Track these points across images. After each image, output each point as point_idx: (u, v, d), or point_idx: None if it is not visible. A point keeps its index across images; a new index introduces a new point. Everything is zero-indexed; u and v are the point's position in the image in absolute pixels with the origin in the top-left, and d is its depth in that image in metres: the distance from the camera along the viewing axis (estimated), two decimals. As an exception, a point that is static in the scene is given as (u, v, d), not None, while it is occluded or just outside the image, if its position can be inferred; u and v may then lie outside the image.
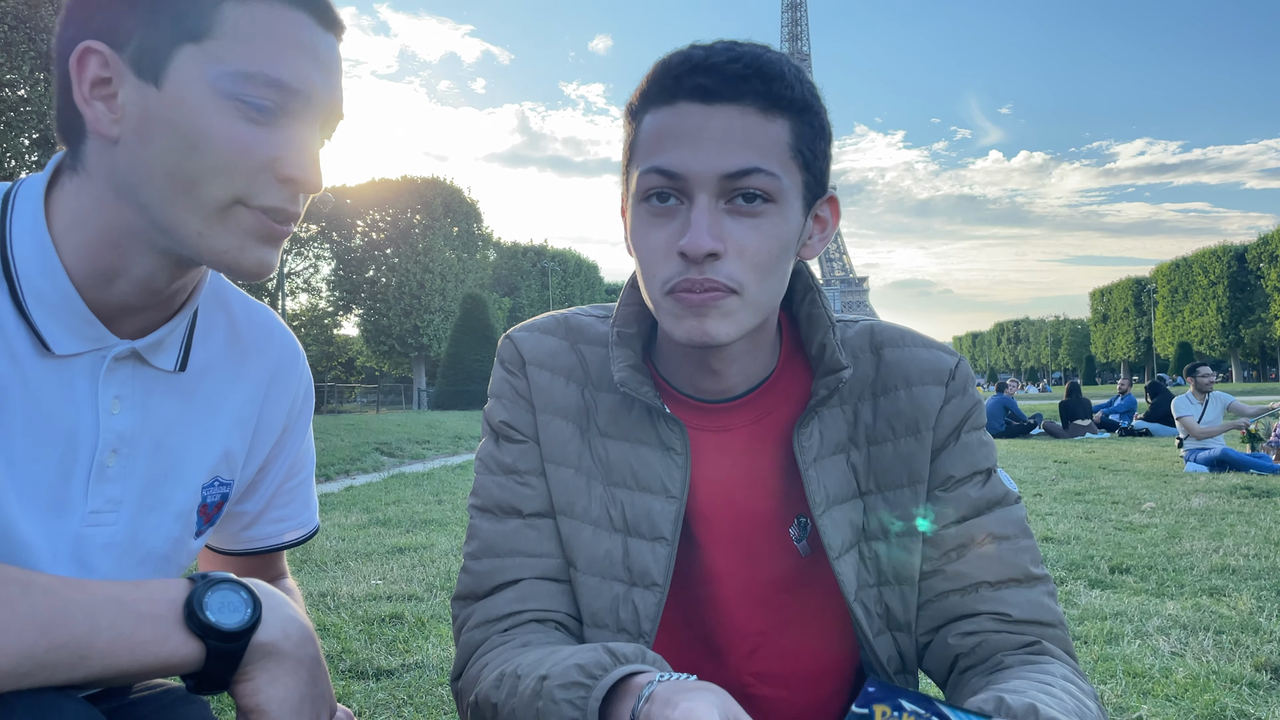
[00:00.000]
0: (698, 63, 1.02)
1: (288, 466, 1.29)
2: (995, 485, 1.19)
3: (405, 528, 6.49)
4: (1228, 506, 6.88)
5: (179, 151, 0.93)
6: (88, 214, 0.98)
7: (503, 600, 1.14)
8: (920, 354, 1.20)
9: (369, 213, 51.30)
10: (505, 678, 1.01)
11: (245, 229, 0.97)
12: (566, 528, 1.17)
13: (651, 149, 1.04)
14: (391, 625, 3.75)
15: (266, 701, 0.93)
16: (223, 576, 0.94)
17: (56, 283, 0.98)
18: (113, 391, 1.03)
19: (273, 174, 0.95)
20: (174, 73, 0.92)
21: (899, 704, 0.65)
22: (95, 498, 1.04)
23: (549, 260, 64.54)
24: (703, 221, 1.00)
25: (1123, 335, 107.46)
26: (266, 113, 0.94)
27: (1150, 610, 3.86)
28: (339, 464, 11.62)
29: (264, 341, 1.22)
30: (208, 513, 1.17)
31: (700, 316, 1.03)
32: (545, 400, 1.20)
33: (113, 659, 0.85)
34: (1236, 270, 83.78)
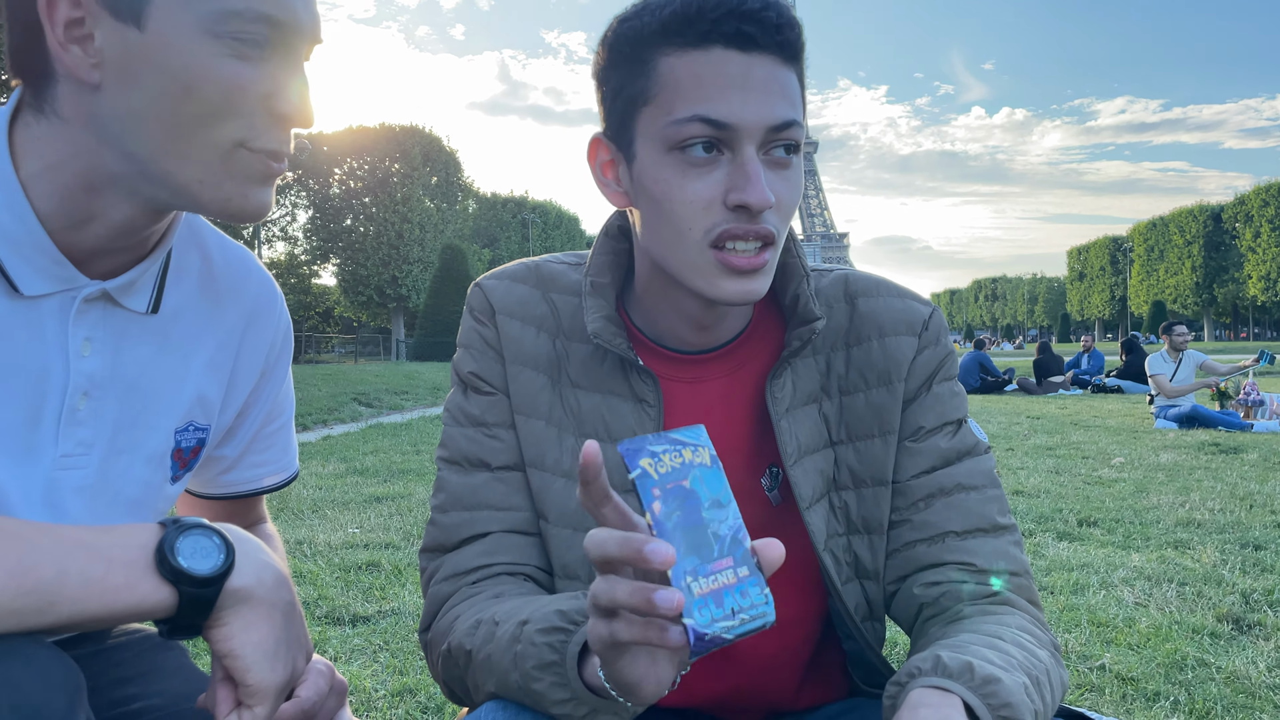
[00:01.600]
0: (734, 8, 0.99)
1: (266, 411, 1.27)
2: (965, 436, 1.20)
3: (383, 477, 6.51)
4: (1195, 462, 7.00)
5: (173, 97, 0.89)
6: (63, 159, 0.95)
7: (471, 553, 1.14)
8: (894, 304, 1.20)
9: (346, 160, 50.60)
10: (481, 625, 1.00)
11: (246, 173, 0.95)
12: (537, 480, 1.17)
13: (689, 96, 1.00)
14: (368, 573, 3.77)
15: (240, 647, 0.92)
16: (195, 521, 0.92)
17: (24, 222, 0.95)
18: (83, 333, 1.02)
19: (267, 111, 0.93)
20: (155, 12, 0.88)
21: (649, 451, 0.75)
22: (66, 441, 1.02)
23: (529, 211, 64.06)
24: (759, 174, 0.99)
25: (1098, 293, 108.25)
26: (256, 47, 0.91)
27: (1116, 562, 3.94)
28: (317, 414, 11.59)
29: (240, 283, 1.20)
30: (183, 458, 1.16)
31: (749, 279, 1.03)
32: (515, 350, 1.19)
33: (82, 605, 0.84)
34: (1212, 230, 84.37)
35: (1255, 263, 78.27)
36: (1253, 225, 78.68)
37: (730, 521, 0.76)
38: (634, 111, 1.05)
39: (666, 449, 0.76)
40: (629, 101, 1.06)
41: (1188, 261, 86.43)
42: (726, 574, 0.74)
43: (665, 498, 0.74)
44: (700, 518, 0.75)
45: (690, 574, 0.72)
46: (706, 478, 0.77)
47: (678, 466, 0.76)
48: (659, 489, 0.74)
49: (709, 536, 0.75)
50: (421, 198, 50.39)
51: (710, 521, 0.75)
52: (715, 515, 0.76)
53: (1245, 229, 79.82)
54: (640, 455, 0.75)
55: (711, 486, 0.76)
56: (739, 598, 0.74)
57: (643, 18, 1.04)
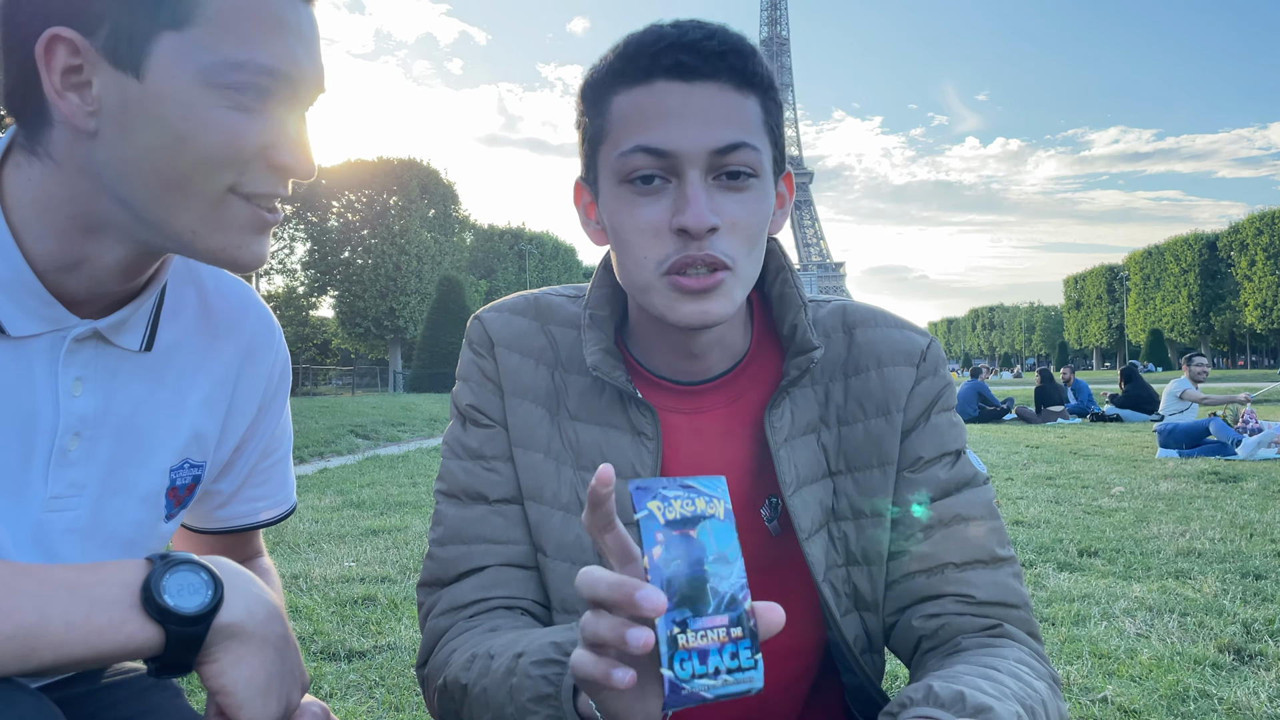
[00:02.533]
0: (673, 40, 1.01)
1: (263, 446, 1.26)
2: (964, 466, 1.19)
3: (379, 510, 6.48)
4: (1195, 491, 6.98)
5: (168, 147, 0.88)
6: (57, 202, 0.94)
7: (468, 587, 1.13)
8: (892, 334, 1.20)
9: (344, 193, 50.79)
10: (477, 659, 1.00)
11: (239, 223, 0.93)
12: (535, 513, 1.16)
13: (632, 128, 1.02)
14: (364, 607, 3.75)
15: (232, 683, 0.90)
16: (183, 557, 0.90)
17: (12, 264, 0.94)
18: (74, 373, 1.00)
19: (265, 162, 0.92)
20: (155, 63, 0.87)
21: (661, 494, 0.73)
22: (56, 482, 1.01)
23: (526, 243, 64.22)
24: (700, 197, 1.00)
25: (1096, 322, 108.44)
26: (255, 99, 0.90)
27: (1117, 592, 3.92)
28: (313, 446, 11.56)
29: (237, 318, 1.18)
30: (178, 495, 1.14)
31: (702, 300, 1.03)
32: (514, 383, 1.19)
33: (66, 648, 0.82)
34: (1208, 258, 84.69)
35: (1251, 291, 78.53)
36: (1248, 254, 79.01)
37: (733, 579, 0.74)
38: (595, 151, 1.08)
39: (679, 495, 0.74)
40: (591, 142, 1.09)
41: (1184, 290, 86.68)
42: (718, 632, 0.73)
43: (668, 544, 0.72)
44: (702, 570, 0.73)
45: (679, 625, 0.71)
46: (716, 531, 0.75)
47: (688, 515, 0.74)
48: (663, 534, 0.73)
49: (707, 591, 0.73)
50: (419, 230, 50.55)
51: (712, 576, 0.73)
52: (718, 570, 0.74)
53: (1240, 257, 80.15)
54: (650, 497, 0.73)
55: (720, 541, 0.74)
56: (726, 658, 0.72)
57: (602, 64, 1.08)
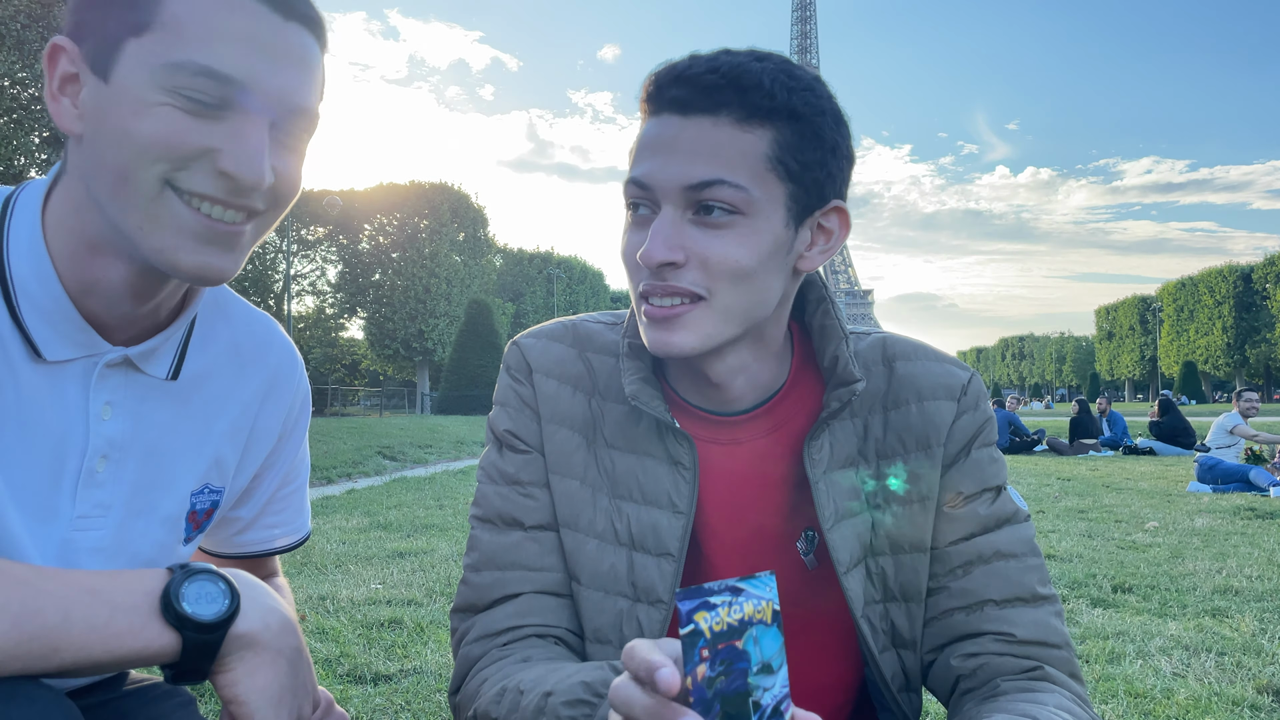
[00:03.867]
0: (678, 74, 1.03)
1: (282, 474, 1.29)
2: (1005, 503, 1.18)
3: (406, 532, 6.48)
4: (1231, 527, 6.85)
5: (116, 141, 0.91)
6: (69, 215, 0.98)
7: (502, 614, 1.13)
8: (933, 368, 1.19)
9: (376, 217, 51.37)
10: (507, 693, 0.99)
11: (180, 225, 0.93)
12: (570, 540, 1.16)
13: (635, 159, 1.06)
14: (390, 630, 3.74)
15: (245, 693, 0.92)
16: (201, 567, 0.92)
17: (49, 289, 0.98)
18: (104, 398, 1.03)
19: (211, 164, 0.92)
20: (120, 67, 0.91)
21: (708, 603, 0.69)
22: (83, 503, 1.04)
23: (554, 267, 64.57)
24: (661, 231, 1.01)
25: (1128, 353, 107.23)
26: (208, 106, 0.91)
27: (1152, 630, 3.84)
28: (341, 467, 11.61)
29: (262, 351, 1.22)
30: (197, 520, 1.17)
31: (665, 329, 1.04)
32: (551, 409, 1.19)
33: (86, 650, 0.84)
34: (1243, 290, 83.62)
35: (1287, 324, 77.41)
36: (1283, 286, 77.96)
37: (775, 690, 0.71)
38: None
39: (726, 602, 0.70)
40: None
41: (1218, 322, 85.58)
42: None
43: (713, 660, 0.68)
44: (745, 684, 0.70)
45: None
46: (763, 638, 0.71)
47: (734, 624, 0.70)
48: (709, 649, 0.68)
49: (748, 706, 0.70)
50: (449, 253, 50.97)
51: (755, 688, 0.70)
52: (761, 682, 0.70)
53: (1276, 290, 79.06)
54: (697, 609, 0.69)
55: (765, 648, 0.71)
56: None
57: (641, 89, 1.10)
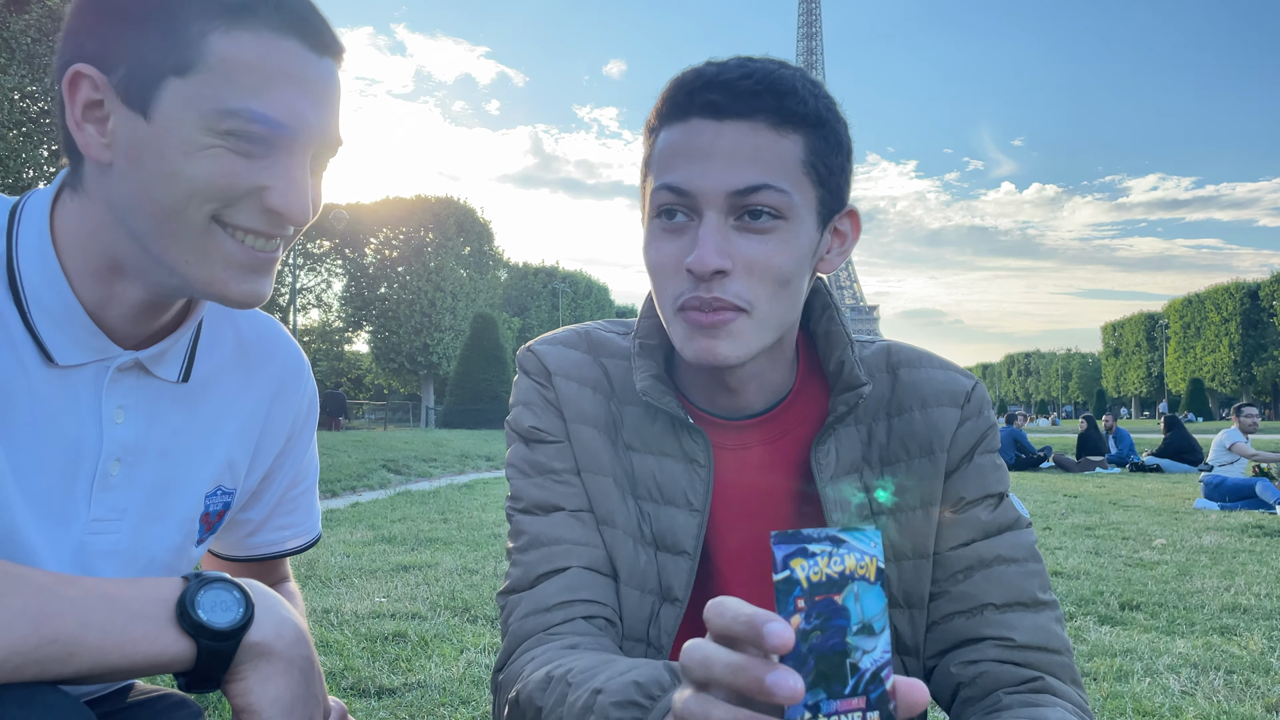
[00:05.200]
0: (710, 79, 1.02)
1: (291, 476, 1.30)
2: (1007, 509, 1.18)
3: (410, 546, 6.48)
4: (1239, 545, 6.82)
5: (165, 180, 0.92)
6: (89, 237, 0.99)
7: (552, 589, 1.12)
8: (936, 375, 1.20)
9: (382, 230, 51.50)
10: (553, 682, 0.97)
11: (228, 258, 0.96)
12: (609, 536, 1.16)
13: (664, 165, 1.04)
14: (395, 643, 3.73)
15: (258, 701, 0.93)
16: (216, 576, 0.94)
17: (60, 295, 0.99)
18: (116, 401, 1.05)
19: (258, 202, 0.95)
20: (161, 105, 0.92)
21: (807, 550, 0.64)
22: (98, 506, 1.05)
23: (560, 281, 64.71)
24: (710, 239, 1.00)
25: (1134, 370, 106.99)
26: (256, 145, 0.93)
27: (1160, 648, 3.82)
28: (345, 480, 11.61)
29: (269, 352, 1.23)
30: (209, 521, 1.18)
31: (710, 337, 1.03)
32: (575, 410, 1.20)
33: (103, 656, 0.85)
34: (1249, 307, 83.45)
35: (1294, 341, 77.21)
36: (1290, 303, 77.79)
37: (877, 654, 0.65)
38: (644, 182, 1.10)
39: (827, 551, 0.65)
40: (642, 175, 1.11)
41: (1225, 339, 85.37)
42: (853, 716, 0.64)
43: (809, 612, 0.63)
44: (843, 643, 0.64)
45: (810, 710, 0.63)
46: (865, 596, 0.65)
47: (835, 576, 0.65)
48: (805, 600, 0.64)
49: (846, 668, 0.64)
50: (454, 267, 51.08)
51: (854, 649, 0.64)
52: (861, 643, 0.64)
53: (1283, 307, 78.91)
54: (794, 554, 0.64)
55: (868, 607, 0.65)
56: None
57: (659, 98, 1.09)
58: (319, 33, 0.97)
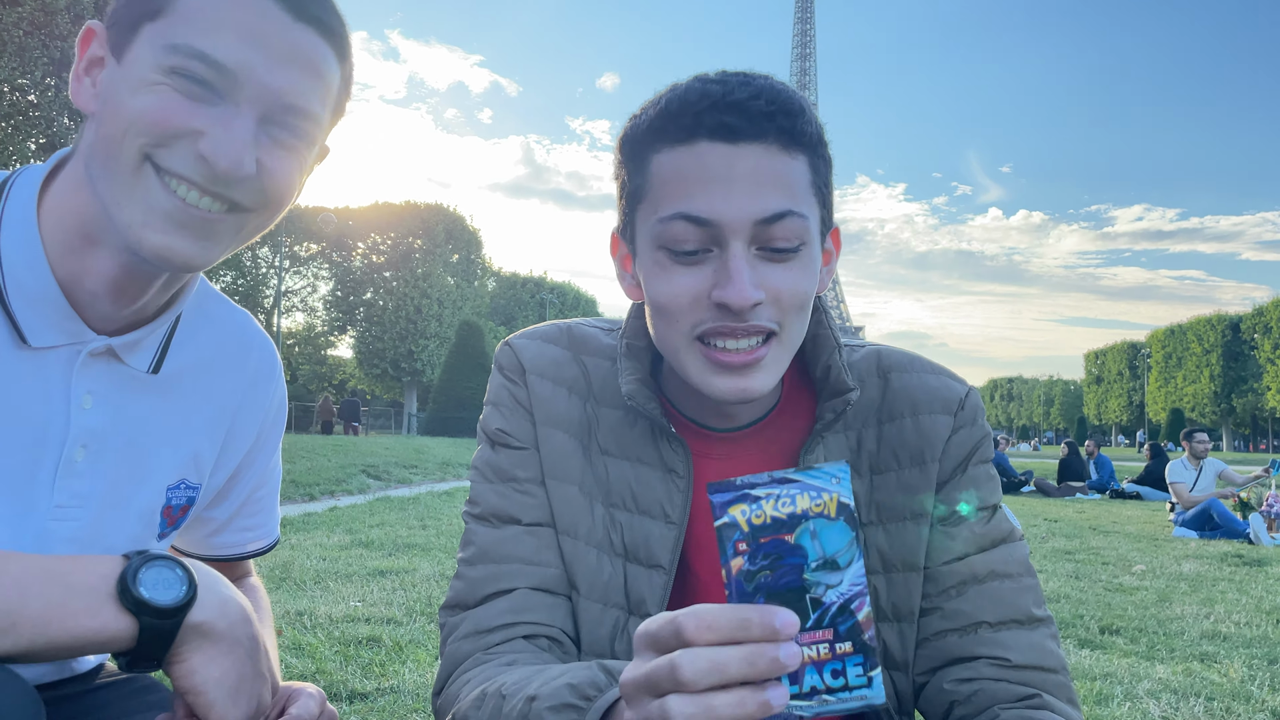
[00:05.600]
0: (717, 99, 0.96)
1: (258, 476, 1.28)
2: (1000, 522, 1.15)
3: (388, 551, 6.42)
4: (1218, 573, 6.83)
5: (112, 117, 0.93)
6: (68, 196, 0.99)
7: (495, 610, 1.08)
8: (929, 380, 1.17)
9: (370, 235, 51.33)
10: (488, 697, 0.94)
11: (153, 203, 0.93)
12: (570, 548, 1.12)
13: (673, 193, 0.98)
14: (369, 648, 3.68)
15: (202, 683, 0.90)
16: (159, 554, 0.91)
17: (38, 275, 0.97)
18: (85, 387, 1.02)
19: (192, 147, 0.93)
20: (133, 49, 0.93)
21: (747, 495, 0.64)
22: (61, 492, 1.02)
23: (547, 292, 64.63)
24: (744, 271, 0.95)
25: (1115, 398, 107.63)
26: (202, 89, 0.92)
27: (1140, 673, 3.80)
28: (324, 484, 11.52)
29: (244, 350, 1.22)
30: (172, 515, 1.16)
31: (742, 376, 0.99)
32: (546, 412, 1.16)
33: (43, 630, 0.83)
34: (1231, 340, 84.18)
35: (1274, 374, 77.86)
36: (1271, 337, 78.49)
37: (844, 587, 0.65)
38: (634, 208, 1.04)
39: (773, 494, 0.65)
40: (631, 198, 1.05)
41: (1206, 370, 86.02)
42: (820, 648, 0.65)
43: (753, 554, 0.64)
44: (799, 580, 0.65)
45: None
46: (824, 532, 0.65)
47: (783, 517, 0.65)
48: (746, 543, 0.64)
49: (806, 603, 0.65)
50: (442, 274, 50.95)
51: (813, 585, 0.65)
52: (823, 578, 0.65)
53: (1264, 340, 79.62)
54: (734, 500, 0.65)
55: (829, 543, 0.65)
56: (828, 676, 0.65)
57: (643, 117, 1.03)
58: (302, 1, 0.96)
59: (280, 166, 0.98)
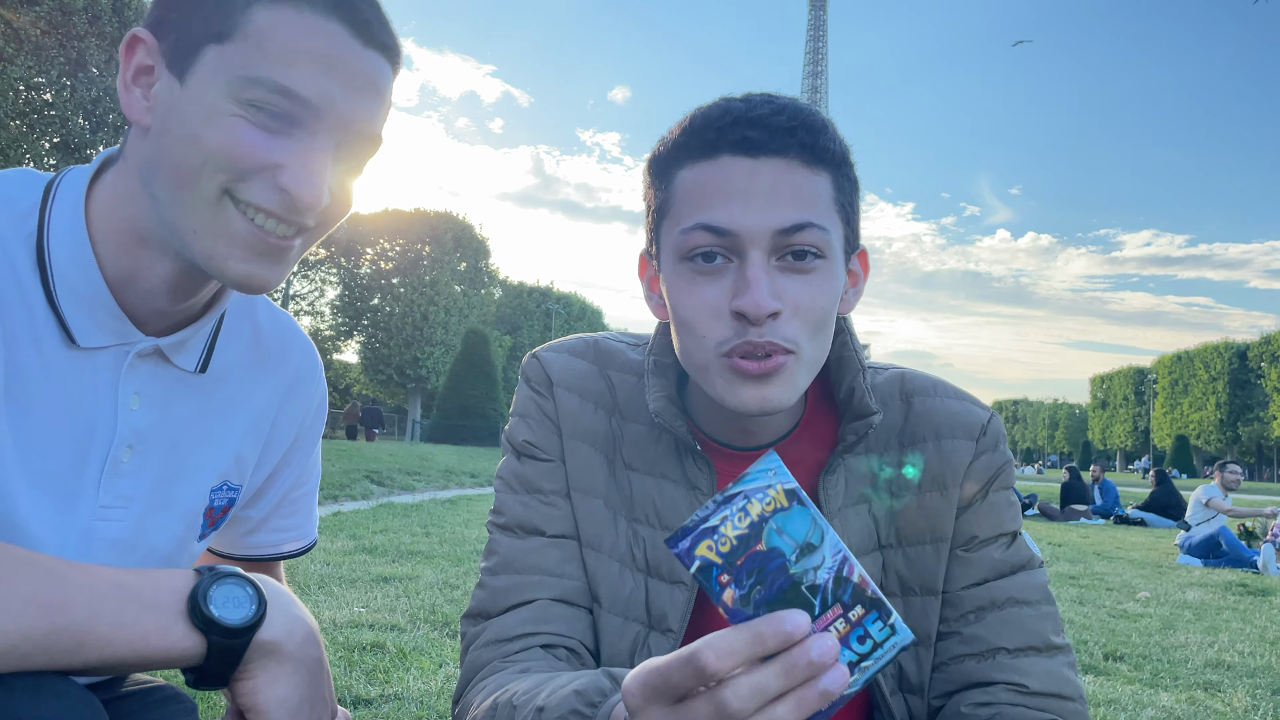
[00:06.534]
0: (739, 115, 0.99)
1: (295, 476, 1.28)
2: (1020, 548, 1.15)
3: (391, 557, 6.42)
4: (1223, 602, 6.80)
5: (185, 145, 0.92)
6: (119, 203, 0.98)
7: (516, 620, 1.09)
8: (951, 405, 1.17)
9: (379, 241, 51.44)
10: (500, 709, 0.95)
11: (234, 233, 0.95)
12: (594, 562, 1.13)
13: (695, 205, 1.00)
14: (372, 654, 3.68)
15: (265, 702, 0.90)
16: (230, 571, 0.91)
17: (88, 275, 0.97)
18: (133, 387, 1.03)
19: (271, 179, 0.94)
20: (198, 71, 0.92)
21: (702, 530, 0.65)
22: (106, 492, 1.02)
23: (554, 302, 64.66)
24: (761, 280, 0.96)
25: (1121, 423, 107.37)
26: (278, 120, 0.92)
27: (1144, 700, 3.79)
28: (327, 489, 11.53)
29: (285, 350, 1.22)
30: (213, 516, 1.16)
31: (762, 385, 0.99)
32: (573, 425, 1.17)
33: (112, 647, 0.83)
34: (1238, 367, 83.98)
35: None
36: (1278, 366, 78.32)
37: (828, 562, 0.66)
38: (659, 224, 1.06)
39: (727, 515, 0.66)
40: (656, 215, 1.06)
41: (1212, 398, 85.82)
42: (838, 624, 0.65)
43: (738, 578, 0.65)
44: (788, 578, 0.65)
45: None
46: (787, 524, 0.66)
47: (746, 531, 0.66)
48: (727, 573, 0.65)
49: (804, 594, 0.65)
50: (449, 282, 51.03)
51: (803, 575, 0.66)
52: (808, 563, 0.66)
53: (1271, 369, 79.43)
54: (696, 541, 0.65)
55: (796, 530, 0.66)
56: (856, 645, 0.66)
57: (670, 136, 1.05)
58: (367, 22, 0.96)
59: (346, 188, 1.00)
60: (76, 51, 22.00)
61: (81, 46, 22.10)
